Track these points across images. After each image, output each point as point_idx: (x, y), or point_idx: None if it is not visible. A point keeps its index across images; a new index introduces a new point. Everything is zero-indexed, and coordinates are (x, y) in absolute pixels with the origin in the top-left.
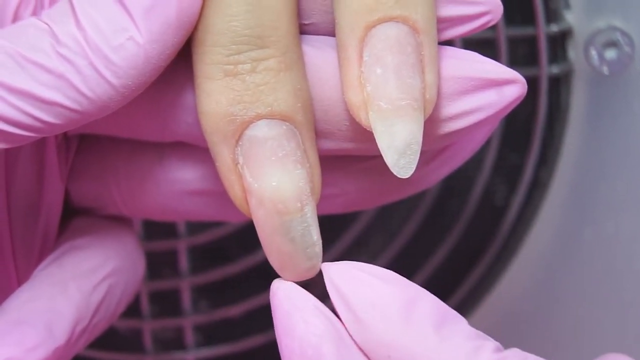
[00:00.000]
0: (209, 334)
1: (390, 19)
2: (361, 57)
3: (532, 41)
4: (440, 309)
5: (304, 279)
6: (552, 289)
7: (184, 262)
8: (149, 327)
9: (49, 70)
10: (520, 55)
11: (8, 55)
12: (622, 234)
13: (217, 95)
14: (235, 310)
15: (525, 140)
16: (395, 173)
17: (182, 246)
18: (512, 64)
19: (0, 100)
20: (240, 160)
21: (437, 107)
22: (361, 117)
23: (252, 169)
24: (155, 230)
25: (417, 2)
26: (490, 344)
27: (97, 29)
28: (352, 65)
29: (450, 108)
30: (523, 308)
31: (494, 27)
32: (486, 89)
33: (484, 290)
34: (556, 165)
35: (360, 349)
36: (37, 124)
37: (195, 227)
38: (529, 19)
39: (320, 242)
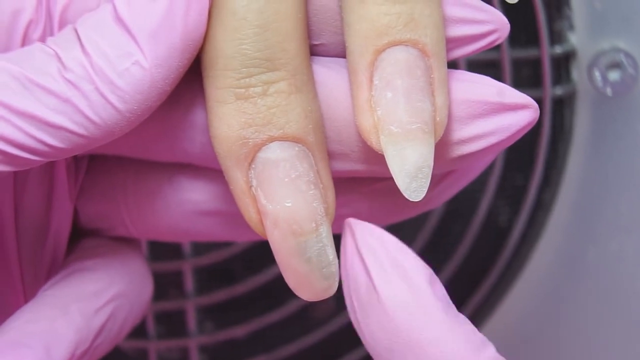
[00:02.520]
0: (214, 355)
1: (399, 43)
2: (371, 80)
3: (536, 62)
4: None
5: (321, 298)
6: (556, 309)
7: (189, 282)
8: (154, 348)
9: (55, 94)
10: (524, 76)
11: (14, 78)
12: (626, 254)
13: (229, 119)
14: (240, 330)
15: (529, 161)
16: (407, 197)
17: (187, 267)
18: (516, 85)
19: (6, 122)
20: (254, 182)
21: (449, 130)
22: (372, 141)
23: (266, 191)
24: (161, 251)
25: (426, 25)
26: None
27: (102, 54)
28: (362, 89)
29: (462, 131)
30: (527, 329)
31: (498, 48)
32: (499, 113)
33: (488, 310)
34: (560, 186)
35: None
36: (43, 148)
37: (201, 247)
38: (533, 40)
39: (336, 261)
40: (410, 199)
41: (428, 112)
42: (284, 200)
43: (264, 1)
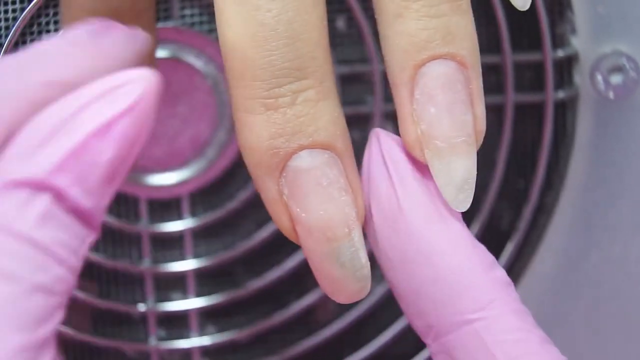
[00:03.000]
0: (217, 358)
1: (439, 57)
2: (412, 95)
3: (538, 66)
4: None
5: (355, 300)
6: (558, 313)
7: (191, 286)
8: (156, 351)
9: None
10: (527, 80)
11: None
12: (629, 257)
13: (259, 129)
14: (242, 334)
15: (531, 164)
16: (454, 207)
17: (190, 271)
18: (519, 88)
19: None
20: (286, 191)
21: None
22: (416, 154)
23: (298, 199)
24: (163, 255)
25: (463, 37)
26: None
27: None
28: (404, 103)
29: None
30: None
31: (500, 52)
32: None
33: None
34: (562, 190)
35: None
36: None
37: (202, 251)
38: (536, 44)
39: (368, 264)
40: (458, 210)
41: (470, 124)
42: (317, 208)
43: (294, 12)
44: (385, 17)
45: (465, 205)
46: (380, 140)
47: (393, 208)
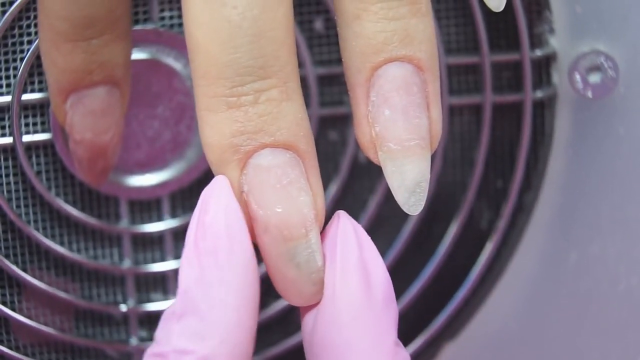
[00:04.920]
0: None
1: (395, 59)
2: (368, 96)
3: (516, 66)
4: None
5: (310, 303)
6: (537, 312)
7: (173, 287)
8: (138, 351)
9: None
10: (505, 80)
11: None
12: (607, 257)
13: (221, 127)
14: None
15: (510, 164)
16: (405, 210)
17: (170, 271)
18: (497, 89)
19: None
20: (245, 188)
21: None
22: (370, 155)
23: (257, 196)
24: (144, 255)
25: (421, 40)
26: None
27: None
28: (360, 105)
29: None
30: (508, 332)
31: (478, 53)
32: None
33: (469, 314)
34: (541, 189)
35: None
36: None
37: None
38: (514, 43)
39: (324, 267)
40: (409, 213)
41: (425, 127)
42: (274, 206)
43: (259, 9)
44: (344, 18)
45: (417, 209)
46: (340, 223)
47: (328, 293)
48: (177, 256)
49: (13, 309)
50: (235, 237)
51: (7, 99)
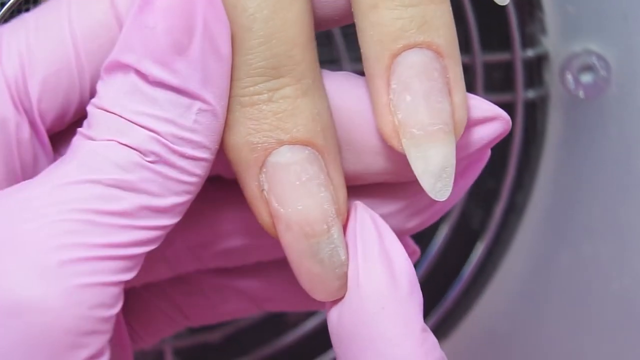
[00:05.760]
0: (189, 358)
1: (414, 46)
2: (389, 85)
3: (508, 66)
4: None
5: (335, 298)
6: (529, 312)
7: None
8: None
9: (160, 177)
10: (496, 80)
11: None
12: (599, 256)
13: (236, 126)
14: (214, 334)
15: (502, 164)
16: (432, 197)
17: None
18: (488, 89)
19: (98, 260)
20: (265, 186)
21: None
22: (394, 144)
23: (278, 194)
24: None
25: (438, 26)
26: None
27: (164, 121)
28: (381, 94)
29: None
30: (500, 331)
31: (470, 52)
32: (471, 126)
33: (461, 313)
34: (532, 189)
35: None
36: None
37: None
38: (505, 43)
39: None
40: (436, 199)
41: (447, 112)
42: (295, 204)
43: (271, 10)
44: (361, 9)
45: (444, 194)
46: (357, 214)
47: (352, 285)
48: None
49: None
50: None
51: None
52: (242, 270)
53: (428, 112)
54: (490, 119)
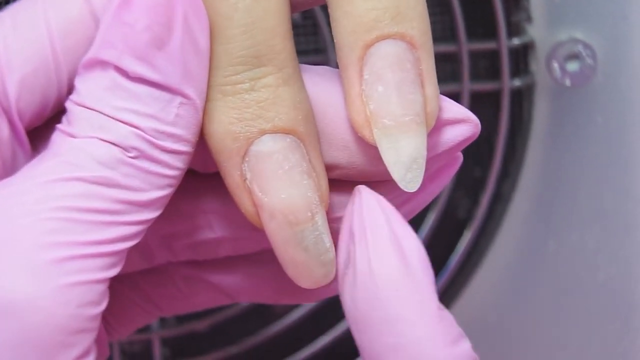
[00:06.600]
0: (176, 347)
1: (387, 37)
2: (361, 75)
3: (494, 55)
4: None
5: (320, 285)
6: (516, 300)
7: None
8: (116, 341)
9: (141, 172)
10: (482, 68)
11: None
12: (586, 245)
13: (218, 115)
14: (201, 324)
15: (488, 153)
16: (402, 187)
17: None
18: (474, 77)
19: (81, 258)
20: (248, 176)
21: None
22: (365, 134)
23: (261, 183)
24: None
25: (412, 17)
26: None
27: (146, 117)
28: (353, 84)
29: None
30: (486, 320)
31: (456, 41)
32: (440, 127)
33: (447, 302)
34: (519, 178)
35: None
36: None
37: None
38: (491, 32)
39: (332, 248)
40: (406, 190)
41: (419, 104)
42: (278, 192)
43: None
44: None
45: (414, 185)
46: (362, 198)
47: (364, 270)
48: None
49: None
50: None
51: None
52: (213, 263)
53: (400, 103)
54: (460, 121)
